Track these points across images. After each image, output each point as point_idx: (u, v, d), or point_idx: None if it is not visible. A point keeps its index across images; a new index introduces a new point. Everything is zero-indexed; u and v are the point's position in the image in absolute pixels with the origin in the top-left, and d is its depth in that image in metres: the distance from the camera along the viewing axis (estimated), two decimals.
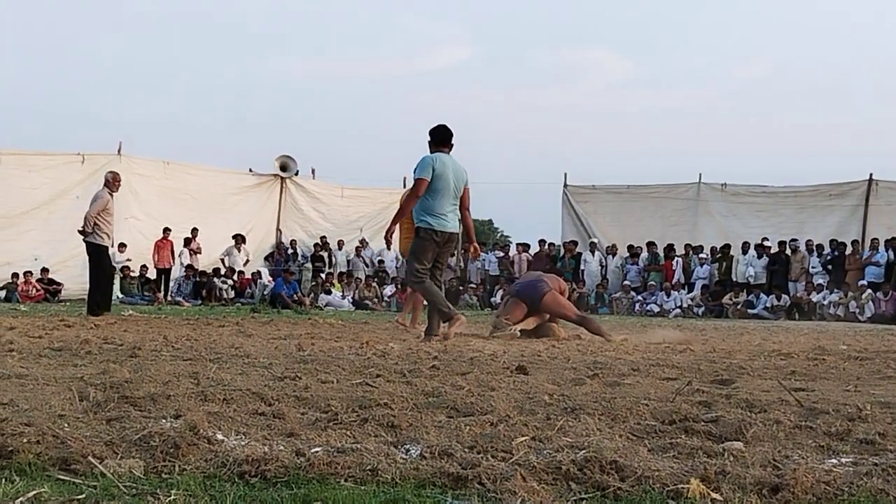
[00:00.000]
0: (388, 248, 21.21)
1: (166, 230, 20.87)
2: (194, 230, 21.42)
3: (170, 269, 21.11)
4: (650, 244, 22.93)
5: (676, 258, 22.51)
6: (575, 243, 23.78)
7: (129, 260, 20.24)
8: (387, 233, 9.35)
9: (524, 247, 24.39)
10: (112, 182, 12.28)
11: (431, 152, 8.28)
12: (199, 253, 21.54)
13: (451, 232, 8.34)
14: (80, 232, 8.26)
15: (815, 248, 21.50)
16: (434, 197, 8.16)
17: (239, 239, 22.06)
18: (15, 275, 18.71)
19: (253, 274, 21.99)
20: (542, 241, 24.19)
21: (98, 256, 11.96)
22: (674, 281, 22.08)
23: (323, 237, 24.11)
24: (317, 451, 2.55)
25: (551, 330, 9.05)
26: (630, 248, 23.21)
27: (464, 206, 8.43)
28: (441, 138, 8.33)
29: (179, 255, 21.32)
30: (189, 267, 21.10)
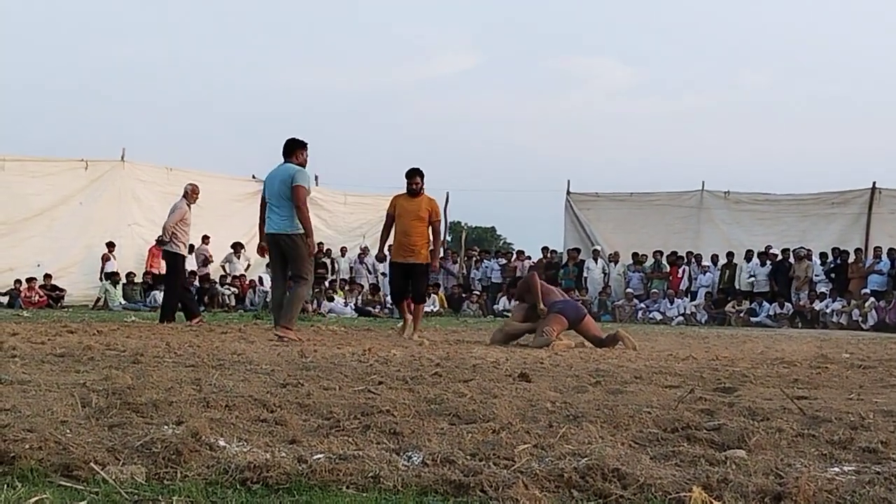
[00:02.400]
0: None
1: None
2: (205, 237, 21.48)
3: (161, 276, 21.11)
4: (656, 252, 22.91)
5: (683, 266, 22.50)
6: (578, 250, 23.78)
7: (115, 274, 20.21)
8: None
9: (519, 254, 24.48)
10: (190, 194, 12.57)
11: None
12: (212, 261, 21.66)
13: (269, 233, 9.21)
14: (157, 241, 8.87)
15: (818, 256, 21.47)
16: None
17: (238, 246, 22.07)
18: (18, 281, 18.72)
19: (251, 280, 21.97)
20: (544, 249, 24.19)
21: (175, 265, 12.24)
22: (679, 288, 22.07)
23: (320, 243, 24.10)
24: (319, 458, 2.55)
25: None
26: (634, 255, 23.20)
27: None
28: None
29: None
30: (191, 273, 21.09)
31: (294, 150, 9.26)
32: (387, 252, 11.64)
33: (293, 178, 8.99)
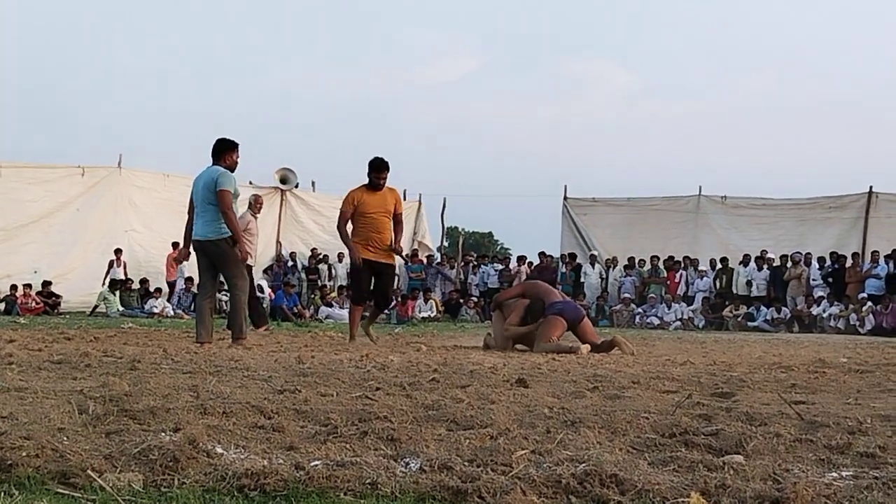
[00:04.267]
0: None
1: (175, 244, 20.93)
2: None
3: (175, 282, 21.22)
4: (653, 257, 22.93)
5: (681, 271, 22.52)
6: (574, 255, 23.79)
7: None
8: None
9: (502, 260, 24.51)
10: (254, 204, 12.92)
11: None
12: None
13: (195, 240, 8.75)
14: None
15: (815, 260, 21.50)
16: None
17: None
18: (14, 287, 18.70)
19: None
20: (541, 254, 24.21)
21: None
22: (676, 293, 22.09)
23: (314, 249, 24.07)
24: (316, 465, 2.55)
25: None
26: (631, 259, 23.22)
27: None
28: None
29: (180, 269, 21.34)
30: (188, 279, 21.10)
31: (223, 151, 8.69)
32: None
33: (216, 181, 8.43)
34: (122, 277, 20.20)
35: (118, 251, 20.47)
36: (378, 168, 9.67)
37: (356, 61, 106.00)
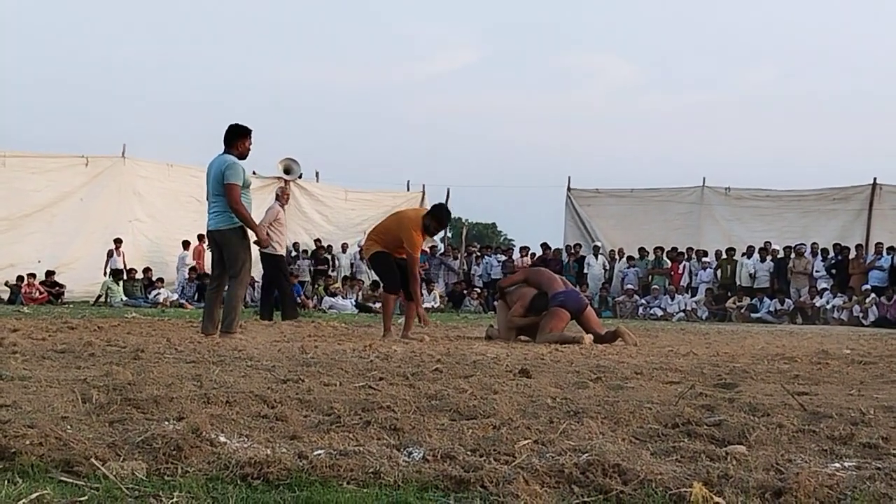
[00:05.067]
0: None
1: (200, 237, 21.16)
2: (201, 237, 21.60)
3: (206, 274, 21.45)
4: (656, 249, 22.90)
5: (684, 262, 22.49)
6: (580, 246, 23.78)
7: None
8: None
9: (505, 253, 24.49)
10: (281, 195, 13.06)
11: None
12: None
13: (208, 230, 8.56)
14: (255, 243, 8.45)
15: (819, 251, 21.46)
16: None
17: None
18: (19, 277, 18.71)
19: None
20: (544, 245, 24.18)
21: (277, 265, 12.43)
22: (680, 285, 22.06)
23: (317, 240, 24.06)
24: (319, 454, 2.55)
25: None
26: (640, 250, 23.15)
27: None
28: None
29: (182, 258, 21.38)
30: (192, 269, 21.12)
31: (235, 138, 8.34)
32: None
33: (224, 174, 8.17)
34: (121, 267, 20.19)
35: (118, 241, 20.45)
36: (446, 221, 9.43)
37: (359, 53, 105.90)
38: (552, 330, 8.75)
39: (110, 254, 20.32)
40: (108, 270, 20.13)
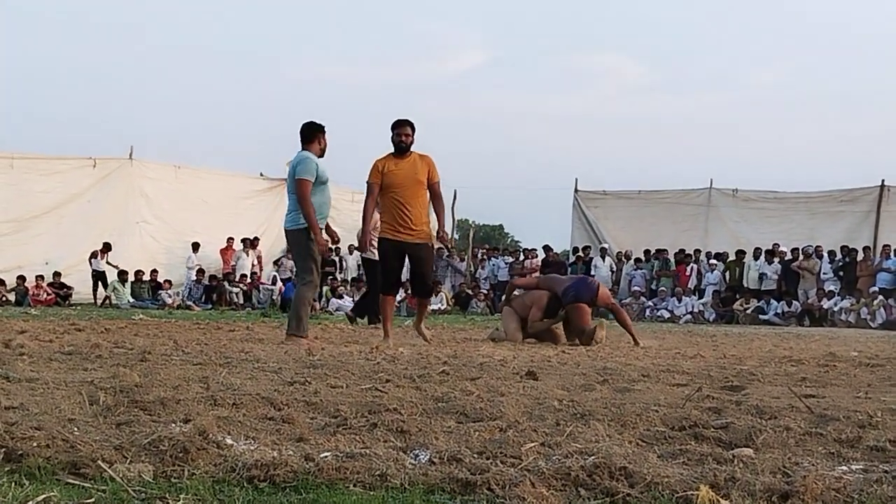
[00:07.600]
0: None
1: (230, 239, 21.82)
2: (255, 239, 22.22)
3: (229, 274, 21.70)
4: (661, 251, 22.87)
5: (691, 264, 22.46)
6: (588, 248, 23.76)
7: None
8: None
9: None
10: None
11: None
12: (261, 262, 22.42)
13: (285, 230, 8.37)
14: (357, 249, 8.36)
15: (826, 254, 21.41)
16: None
17: (247, 243, 22.10)
18: (25, 279, 18.74)
19: (255, 276, 22.04)
20: (546, 247, 24.16)
21: (375, 270, 12.04)
22: (687, 286, 22.03)
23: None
24: (326, 456, 2.55)
25: (555, 335, 9.11)
26: (647, 253, 23.12)
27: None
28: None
29: (187, 259, 21.41)
30: (199, 271, 21.16)
31: (311, 135, 8.16)
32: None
33: (295, 169, 8.02)
34: (104, 269, 20.10)
35: (106, 245, 20.27)
36: (398, 124, 8.23)
37: (366, 54, 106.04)
38: (584, 325, 8.89)
39: (94, 255, 20.12)
40: (92, 274, 20.01)
